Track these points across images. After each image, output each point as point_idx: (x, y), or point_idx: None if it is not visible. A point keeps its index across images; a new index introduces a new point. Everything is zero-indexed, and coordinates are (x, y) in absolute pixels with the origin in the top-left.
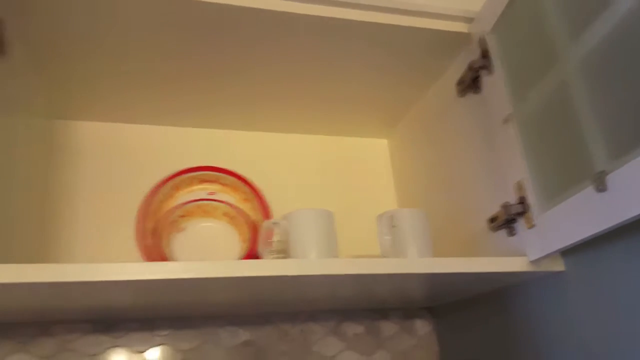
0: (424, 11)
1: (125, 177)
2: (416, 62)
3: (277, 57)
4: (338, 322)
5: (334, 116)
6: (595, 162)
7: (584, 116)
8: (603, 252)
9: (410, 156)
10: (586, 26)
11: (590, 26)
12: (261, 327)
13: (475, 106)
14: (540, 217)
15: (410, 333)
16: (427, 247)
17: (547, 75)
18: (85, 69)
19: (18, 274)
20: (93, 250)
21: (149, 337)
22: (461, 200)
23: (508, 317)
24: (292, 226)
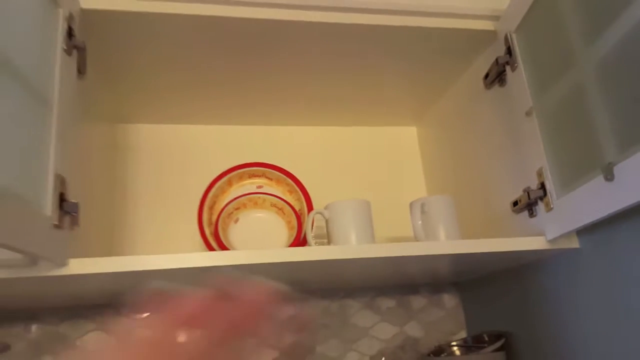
0: (454, 12)
1: (180, 173)
2: (446, 56)
3: (316, 61)
4: (372, 297)
5: (366, 107)
6: (605, 154)
7: (596, 113)
8: (613, 231)
9: (438, 143)
10: (600, 32)
11: (604, 33)
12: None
13: (500, 98)
14: (558, 201)
15: (438, 306)
16: (454, 230)
17: (565, 75)
18: (145, 78)
19: (96, 266)
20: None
21: None
22: (487, 185)
23: (528, 290)
24: (333, 215)
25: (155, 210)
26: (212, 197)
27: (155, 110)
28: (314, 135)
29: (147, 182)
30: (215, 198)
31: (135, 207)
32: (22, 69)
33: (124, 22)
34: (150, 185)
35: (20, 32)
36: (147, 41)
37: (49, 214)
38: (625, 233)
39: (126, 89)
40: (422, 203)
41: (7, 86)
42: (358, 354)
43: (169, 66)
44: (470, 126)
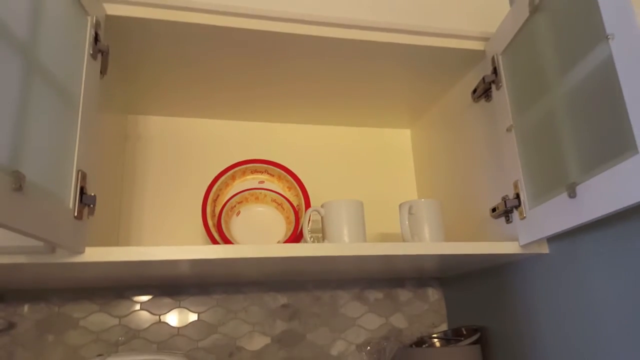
0: (448, 33)
1: (186, 165)
2: (438, 70)
3: (319, 67)
4: (361, 289)
5: (364, 109)
6: (569, 174)
7: (564, 137)
8: (578, 240)
9: (430, 147)
10: (572, 66)
11: (575, 66)
12: (297, 292)
13: (486, 113)
14: (530, 211)
15: (422, 299)
16: (439, 232)
17: (541, 99)
18: (157, 74)
19: (109, 255)
20: (159, 228)
21: (207, 300)
22: (470, 190)
23: (503, 289)
24: (328, 213)
25: (161, 199)
26: (216, 190)
27: (165, 103)
28: (315, 133)
29: (154, 173)
30: (219, 191)
31: (142, 196)
32: (54, 74)
33: (143, 27)
34: (157, 175)
35: (54, 39)
36: (161, 43)
37: (70, 206)
38: (588, 243)
39: (139, 83)
40: (410, 205)
41: (41, 90)
42: (345, 343)
43: (180, 65)
44: (459, 135)
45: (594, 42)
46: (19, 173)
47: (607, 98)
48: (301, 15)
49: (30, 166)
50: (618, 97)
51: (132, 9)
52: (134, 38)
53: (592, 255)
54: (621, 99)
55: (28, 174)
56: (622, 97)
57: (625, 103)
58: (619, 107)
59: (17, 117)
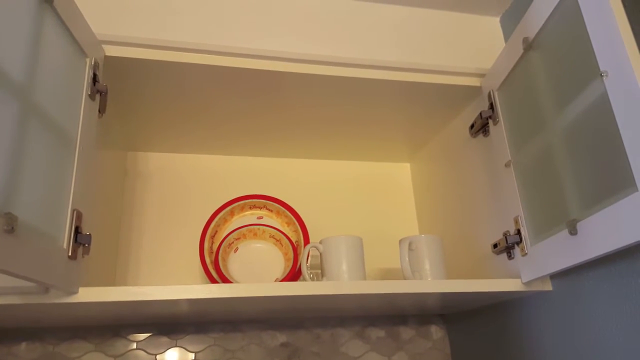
0: (445, 70)
1: (185, 201)
2: (437, 105)
3: (319, 102)
4: (363, 327)
5: (363, 144)
6: (570, 211)
7: (562, 173)
8: (581, 277)
9: (429, 182)
10: (568, 102)
11: (571, 103)
12: (297, 330)
13: (484, 147)
14: (532, 248)
15: (425, 337)
16: (440, 268)
17: (537, 135)
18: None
19: (103, 295)
20: (157, 265)
21: (204, 339)
22: (471, 225)
23: (508, 325)
24: (327, 250)
25: (160, 236)
26: (214, 226)
27: (163, 139)
28: (314, 168)
29: (153, 209)
30: (217, 227)
31: (140, 233)
32: (51, 115)
33: (140, 67)
34: (156, 212)
35: (51, 81)
36: (159, 82)
37: (64, 246)
38: (591, 280)
39: (137, 120)
40: (410, 241)
41: (37, 131)
42: None
43: (177, 102)
44: (458, 169)
45: (588, 79)
46: (11, 215)
47: (604, 134)
48: (299, 54)
49: (24, 207)
50: (615, 134)
51: (131, 50)
52: (132, 77)
53: (596, 292)
54: (618, 136)
55: (21, 215)
56: (619, 133)
57: (622, 140)
58: (617, 143)
59: (11, 159)
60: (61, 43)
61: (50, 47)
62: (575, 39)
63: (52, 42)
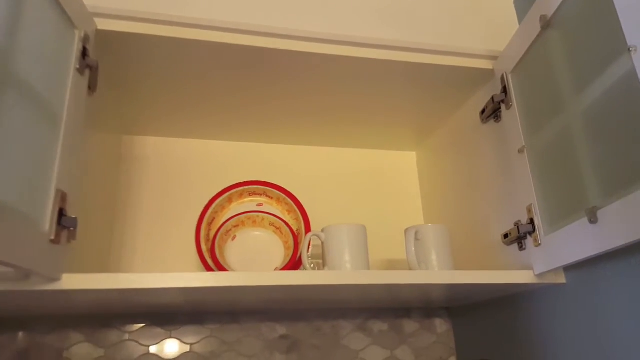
0: (456, 52)
1: (183, 187)
2: (446, 90)
3: (323, 86)
4: (365, 320)
5: (369, 130)
6: (590, 198)
7: (581, 158)
8: (598, 270)
9: (436, 170)
10: (588, 83)
11: (592, 83)
12: (296, 322)
13: (495, 134)
14: (545, 238)
15: (430, 331)
16: (447, 259)
17: (554, 119)
18: (153, 93)
19: (88, 282)
20: (152, 253)
21: (200, 330)
22: (481, 215)
23: (517, 319)
24: (329, 239)
25: (156, 223)
26: (211, 213)
27: (161, 123)
28: (317, 155)
29: (150, 195)
30: (215, 214)
31: (135, 220)
32: (33, 87)
33: (138, 43)
34: (152, 198)
35: (35, 51)
36: (158, 60)
37: (46, 229)
38: (609, 273)
39: (134, 102)
40: (417, 230)
41: (18, 103)
42: None
43: (177, 83)
44: (467, 157)
45: (613, 56)
46: None
47: (630, 115)
48: (304, 32)
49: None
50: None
51: (125, 24)
52: (128, 55)
53: (614, 286)
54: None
55: None
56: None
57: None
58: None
59: None
60: (47, 12)
61: (34, 16)
62: (598, 13)
63: (36, 10)
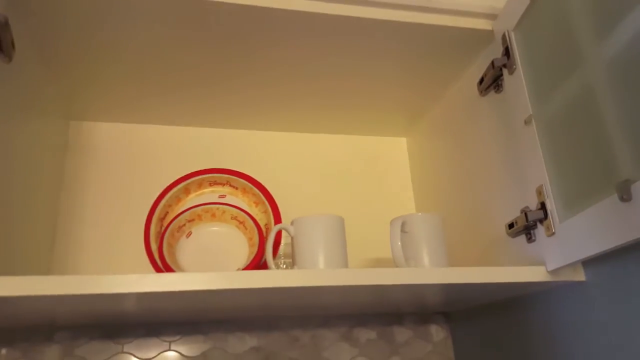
0: (446, 8)
1: (135, 178)
2: (438, 59)
3: (295, 56)
4: (350, 328)
5: (352, 114)
6: (621, 170)
7: (609, 121)
8: (628, 262)
9: (429, 156)
10: (613, 27)
11: (618, 27)
12: (270, 332)
13: (497, 106)
14: (561, 225)
15: (425, 339)
16: (440, 254)
17: (571, 77)
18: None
19: (22, 287)
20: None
21: (157, 343)
22: (481, 203)
23: (527, 325)
24: (299, 233)
25: (106, 218)
26: (164, 206)
27: (110, 106)
28: (292, 142)
29: (99, 187)
30: (168, 208)
31: (82, 215)
32: None
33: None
34: (102, 190)
35: None
36: (101, 23)
37: None
38: None
39: (77, 81)
40: (404, 221)
41: None
42: None
43: (125, 57)
44: (464, 137)
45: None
46: None
47: None
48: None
49: None
50: None
51: None
52: (67, 24)
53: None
54: None
55: None
56: None
57: None
58: None
59: None
60: None
61: None
62: None
63: None
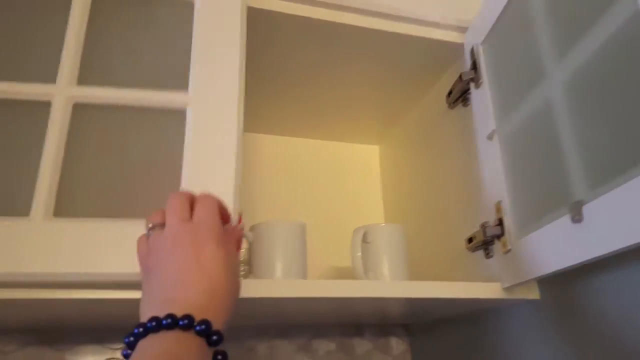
0: (418, 19)
1: None
2: (411, 70)
3: (267, 60)
4: (309, 339)
5: (325, 120)
6: (574, 190)
7: (565, 140)
8: (581, 282)
9: (400, 166)
10: (574, 42)
11: (578, 43)
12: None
13: (464, 120)
14: (517, 243)
15: (384, 351)
16: (401, 266)
17: (533, 92)
18: None
19: None
20: None
21: (99, 350)
22: (444, 216)
23: (482, 341)
24: (258, 239)
25: None
26: None
27: None
28: (258, 144)
29: None
30: None
31: None
32: None
33: None
34: None
35: None
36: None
37: None
38: (595, 287)
39: None
40: (365, 231)
41: None
42: None
43: None
44: (432, 149)
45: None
46: None
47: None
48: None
49: None
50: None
51: None
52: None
53: (603, 303)
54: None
55: None
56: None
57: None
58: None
59: None
60: None
61: None
62: None
63: None
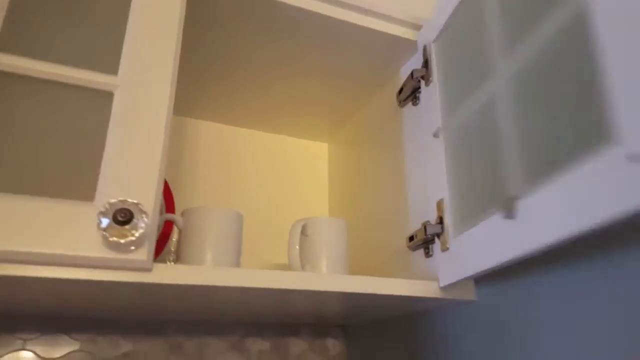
0: (376, 11)
1: None
2: (365, 65)
3: (217, 44)
4: (242, 337)
5: (272, 112)
6: (509, 187)
7: (505, 136)
8: (517, 284)
9: (348, 164)
10: (520, 39)
11: (524, 40)
12: (147, 337)
13: (412, 118)
14: (454, 241)
15: (320, 352)
16: (339, 261)
17: (478, 89)
18: None
19: None
20: None
21: (11, 341)
22: (387, 214)
23: (420, 343)
24: (188, 225)
25: None
26: None
27: None
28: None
29: None
30: None
31: None
32: None
33: None
34: None
35: None
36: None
37: None
38: (531, 286)
39: None
40: (305, 224)
41: None
42: None
43: None
44: (380, 148)
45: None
46: None
47: (572, 69)
48: None
49: None
50: (589, 64)
51: None
52: None
53: (538, 304)
54: (593, 66)
55: None
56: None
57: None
58: (588, 78)
59: None
60: None
61: None
62: None
63: None
